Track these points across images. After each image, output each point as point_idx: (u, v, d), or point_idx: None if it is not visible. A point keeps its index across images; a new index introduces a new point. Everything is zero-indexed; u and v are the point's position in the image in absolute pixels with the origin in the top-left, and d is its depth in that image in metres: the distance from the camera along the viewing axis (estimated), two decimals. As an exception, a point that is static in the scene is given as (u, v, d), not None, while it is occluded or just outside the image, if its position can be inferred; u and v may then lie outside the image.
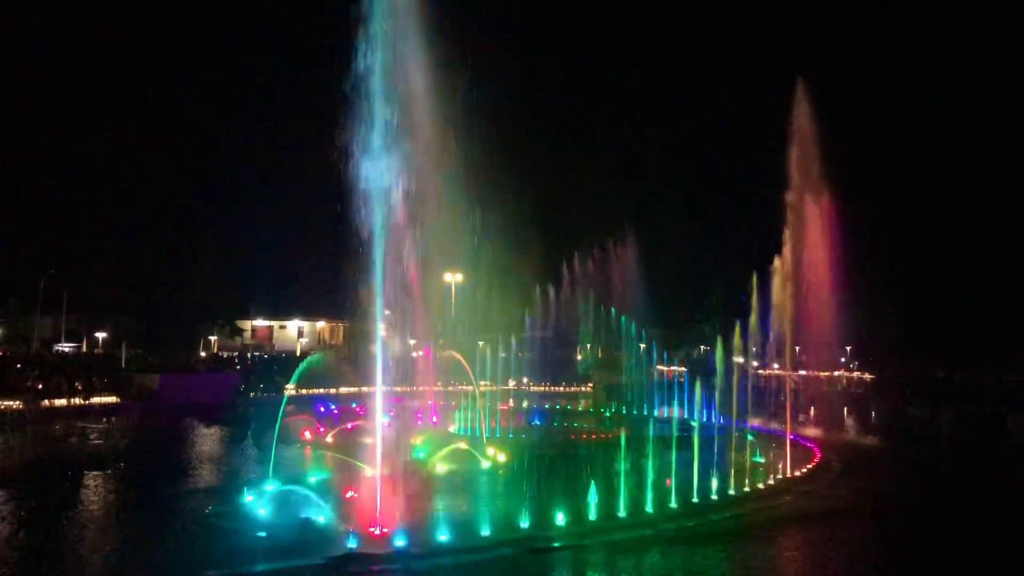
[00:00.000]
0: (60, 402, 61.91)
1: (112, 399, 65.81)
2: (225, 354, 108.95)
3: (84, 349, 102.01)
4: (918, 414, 65.18)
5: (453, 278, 78.72)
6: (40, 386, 65.17)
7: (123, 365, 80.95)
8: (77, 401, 63.34)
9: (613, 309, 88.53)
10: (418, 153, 28.73)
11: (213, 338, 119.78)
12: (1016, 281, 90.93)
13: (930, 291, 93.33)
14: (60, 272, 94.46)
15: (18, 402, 57.86)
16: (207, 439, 51.66)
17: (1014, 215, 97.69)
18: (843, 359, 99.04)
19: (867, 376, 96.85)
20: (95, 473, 37.01)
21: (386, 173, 27.40)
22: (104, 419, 54.99)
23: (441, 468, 37.57)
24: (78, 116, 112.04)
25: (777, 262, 50.12)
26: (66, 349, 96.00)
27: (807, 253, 50.55)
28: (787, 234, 48.81)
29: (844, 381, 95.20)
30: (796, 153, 50.01)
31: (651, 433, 34.03)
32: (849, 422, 66.14)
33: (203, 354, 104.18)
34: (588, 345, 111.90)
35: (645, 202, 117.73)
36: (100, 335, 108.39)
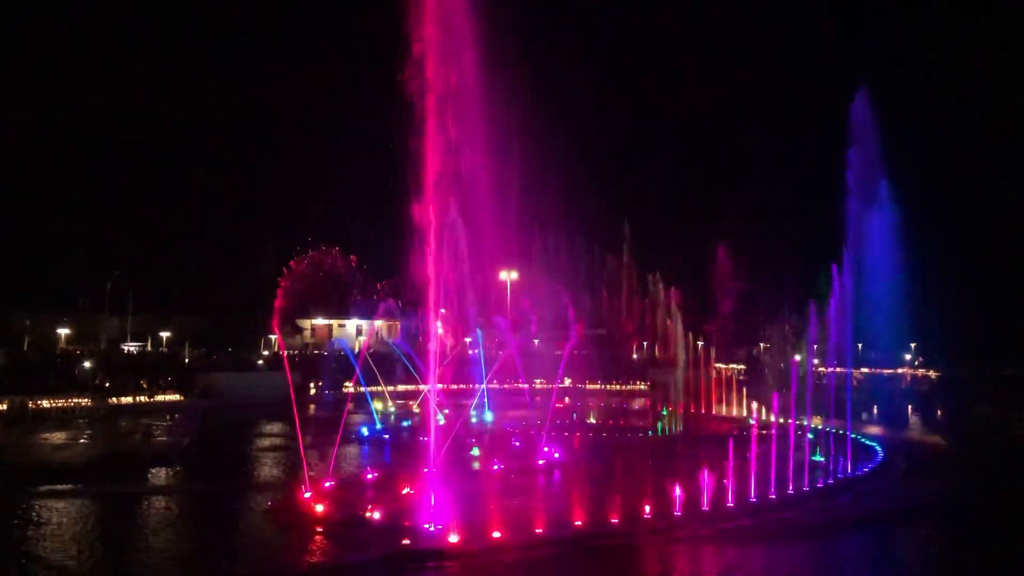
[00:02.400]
0: (126, 400, 63.52)
1: (176, 397, 67.30)
2: (286, 352, 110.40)
3: (149, 348, 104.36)
4: (984, 413, 63.38)
5: (508, 275, 78.76)
6: (107, 384, 66.96)
7: (186, 364, 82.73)
8: (142, 399, 64.91)
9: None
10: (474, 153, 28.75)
11: (274, 337, 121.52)
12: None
13: (1000, 289, 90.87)
14: (127, 273, 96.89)
15: (87, 399, 59.65)
16: (267, 436, 52.47)
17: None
18: (908, 356, 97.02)
19: (932, 374, 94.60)
20: (159, 469, 37.91)
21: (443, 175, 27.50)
22: (168, 416, 56.34)
23: (497, 465, 37.62)
24: (142, 121, 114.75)
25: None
26: (132, 348, 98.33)
27: (871, 251, 49.52)
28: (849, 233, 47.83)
29: (908, 378, 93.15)
30: (858, 150, 49.03)
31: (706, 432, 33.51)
32: (914, 420, 64.70)
33: (265, 353, 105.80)
34: (644, 343, 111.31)
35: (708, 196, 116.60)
36: (164, 334, 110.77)
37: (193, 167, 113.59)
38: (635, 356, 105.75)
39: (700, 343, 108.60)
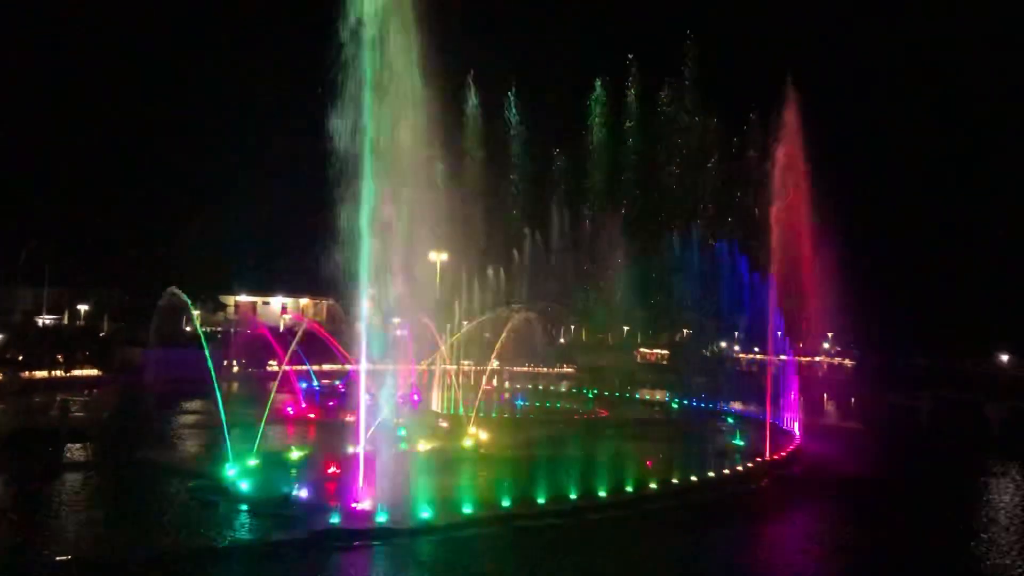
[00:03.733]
0: (41, 374, 61.65)
1: (94, 372, 65.58)
2: (208, 329, 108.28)
3: (66, 322, 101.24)
4: (898, 401, 65.73)
5: (438, 257, 78.51)
6: (21, 358, 64.84)
7: (105, 338, 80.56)
8: (58, 373, 63.10)
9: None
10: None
11: (196, 312, 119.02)
12: (995, 274, 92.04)
13: (913, 281, 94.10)
14: (42, 243, 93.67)
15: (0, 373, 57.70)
16: (189, 413, 51.53)
17: (995, 209, 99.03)
18: (825, 345, 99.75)
19: (848, 363, 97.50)
20: (76, 445, 36.93)
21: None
22: (86, 392, 54.85)
23: (423, 447, 37.65)
24: (60, 88, 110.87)
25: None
26: (48, 321, 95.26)
27: (790, 240, 50.62)
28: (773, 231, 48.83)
29: (825, 367, 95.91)
30: (782, 148, 49.93)
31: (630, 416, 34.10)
32: (830, 408, 66.78)
33: (188, 329, 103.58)
34: (572, 327, 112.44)
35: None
36: (82, 308, 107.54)
37: (114, 135, 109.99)
38: (562, 340, 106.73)
39: (626, 328, 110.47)
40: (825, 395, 71.53)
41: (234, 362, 74.88)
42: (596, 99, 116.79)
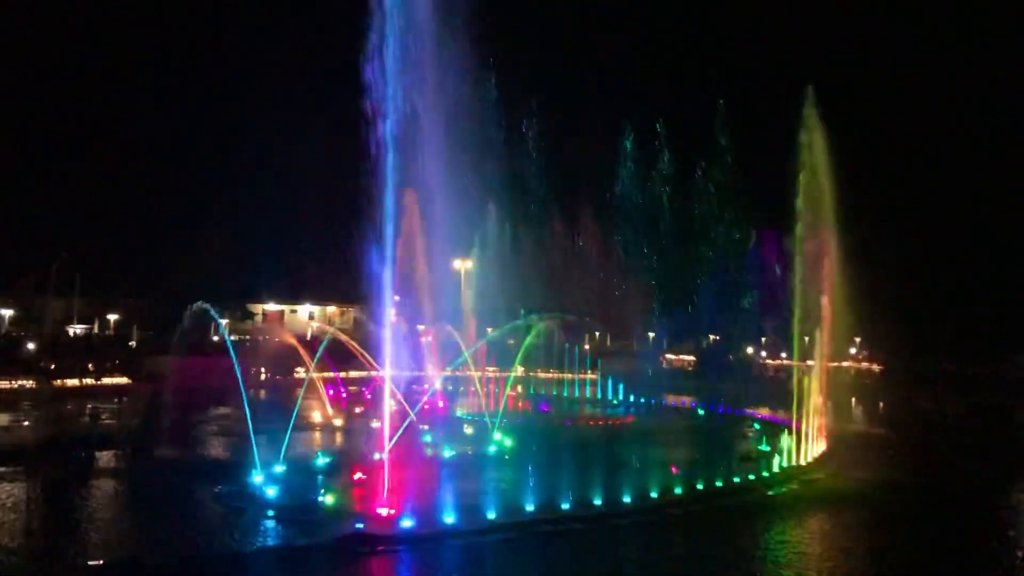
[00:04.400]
0: (72, 382, 62.44)
1: (123, 380, 66.32)
2: (235, 337, 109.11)
3: (96, 331, 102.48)
4: (926, 406, 65.09)
5: (463, 264, 78.72)
6: (53, 367, 65.76)
7: (134, 347, 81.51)
8: (89, 382, 63.87)
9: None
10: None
11: (225, 321, 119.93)
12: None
13: (943, 285, 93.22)
14: (73, 254, 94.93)
15: (32, 382, 58.53)
16: (217, 420, 51.99)
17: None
18: (852, 350, 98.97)
19: (876, 367, 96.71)
20: (106, 452, 37.45)
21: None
22: (115, 400, 55.53)
23: (448, 452, 37.82)
24: (90, 102, 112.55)
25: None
26: (78, 330, 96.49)
27: (819, 242, 50.41)
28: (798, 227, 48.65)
29: (852, 372, 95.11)
30: (806, 141, 49.73)
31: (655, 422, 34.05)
32: (857, 412, 66.18)
33: (215, 338, 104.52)
34: (596, 333, 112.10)
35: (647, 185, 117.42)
36: (112, 317, 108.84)
37: (143, 149, 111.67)
38: (587, 346, 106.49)
39: (651, 334, 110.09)
40: (853, 400, 70.93)
41: (261, 370, 75.45)
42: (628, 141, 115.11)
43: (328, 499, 27.02)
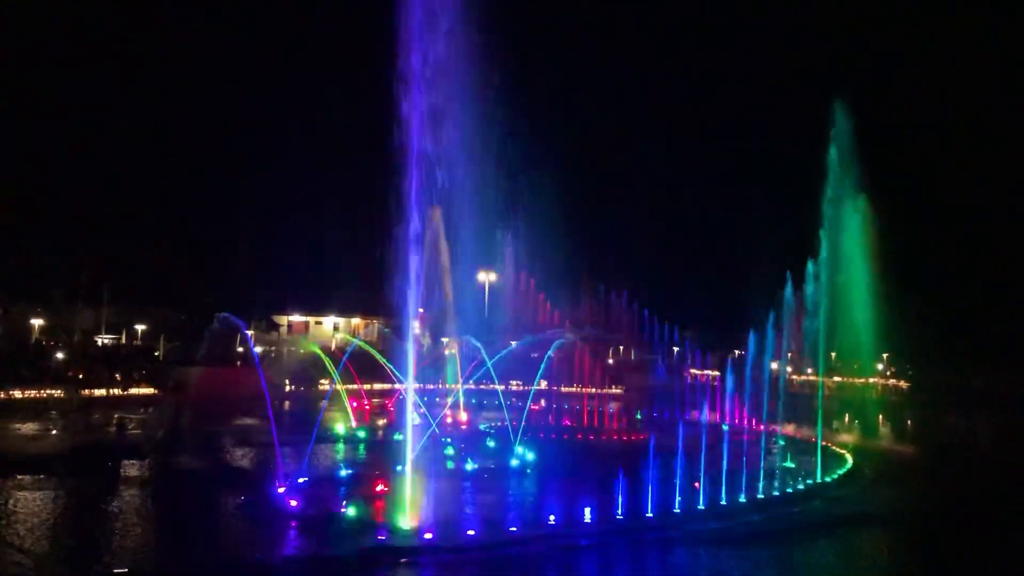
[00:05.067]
0: (99, 392, 63.06)
1: (150, 391, 66.87)
2: (261, 349, 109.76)
3: (123, 341, 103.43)
4: (954, 423, 64.21)
5: (487, 277, 78.83)
6: (81, 376, 66.48)
7: (161, 358, 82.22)
8: (116, 392, 64.46)
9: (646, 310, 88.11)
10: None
11: (250, 333, 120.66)
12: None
13: (971, 301, 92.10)
14: (102, 265, 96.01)
15: (60, 391, 59.17)
16: (241, 431, 52.26)
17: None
18: (879, 365, 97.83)
19: (903, 384, 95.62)
20: (132, 461, 37.81)
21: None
22: (142, 409, 56.03)
23: (470, 465, 37.83)
24: (121, 113, 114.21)
25: (811, 266, 49.52)
26: (107, 340, 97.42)
27: (844, 259, 50.10)
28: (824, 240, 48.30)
29: (879, 388, 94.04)
30: (835, 157, 49.47)
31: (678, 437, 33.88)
32: (884, 430, 65.40)
33: (240, 349, 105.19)
34: (620, 348, 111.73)
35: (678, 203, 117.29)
36: (139, 327, 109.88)
37: (178, 162, 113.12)
38: (610, 360, 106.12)
39: (676, 349, 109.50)
40: (880, 417, 70.12)
41: (286, 381, 75.78)
42: None
43: (351, 511, 27.10)
